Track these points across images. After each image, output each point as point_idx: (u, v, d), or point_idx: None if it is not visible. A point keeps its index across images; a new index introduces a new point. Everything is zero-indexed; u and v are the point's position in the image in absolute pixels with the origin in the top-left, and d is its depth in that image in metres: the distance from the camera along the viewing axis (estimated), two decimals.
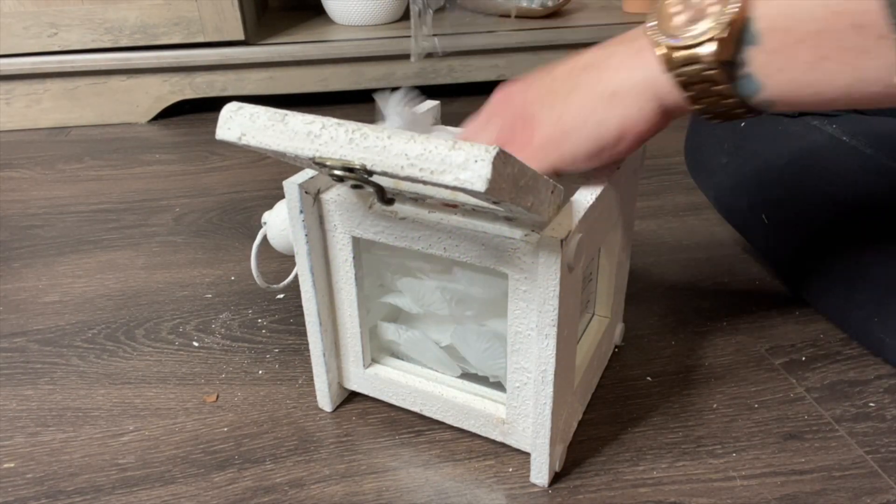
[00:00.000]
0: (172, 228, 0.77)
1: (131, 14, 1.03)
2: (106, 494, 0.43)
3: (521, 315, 0.39)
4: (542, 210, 0.34)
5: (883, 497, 0.42)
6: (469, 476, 0.44)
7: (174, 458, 0.46)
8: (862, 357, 0.54)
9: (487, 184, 0.28)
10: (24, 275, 0.69)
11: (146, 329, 0.60)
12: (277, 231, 0.51)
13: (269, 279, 0.66)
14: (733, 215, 0.64)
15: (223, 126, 0.35)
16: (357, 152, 0.31)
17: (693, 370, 0.53)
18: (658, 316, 0.60)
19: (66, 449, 0.47)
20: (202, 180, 0.90)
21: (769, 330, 0.58)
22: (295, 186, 0.41)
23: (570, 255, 0.36)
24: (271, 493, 0.43)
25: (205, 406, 0.51)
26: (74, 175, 0.93)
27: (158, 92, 1.11)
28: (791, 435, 0.47)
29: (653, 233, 0.73)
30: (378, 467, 0.45)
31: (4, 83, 1.07)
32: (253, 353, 0.56)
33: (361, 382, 0.49)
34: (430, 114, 0.54)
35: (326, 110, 1.16)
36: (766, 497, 0.42)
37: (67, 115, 1.11)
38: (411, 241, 0.41)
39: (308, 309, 0.46)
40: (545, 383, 0.39)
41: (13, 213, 0.82)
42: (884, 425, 0.47)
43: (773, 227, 0.58)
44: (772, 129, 0.58)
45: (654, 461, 0.45)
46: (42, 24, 1.02)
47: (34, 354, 0.57)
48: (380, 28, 1.19)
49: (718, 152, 0.62)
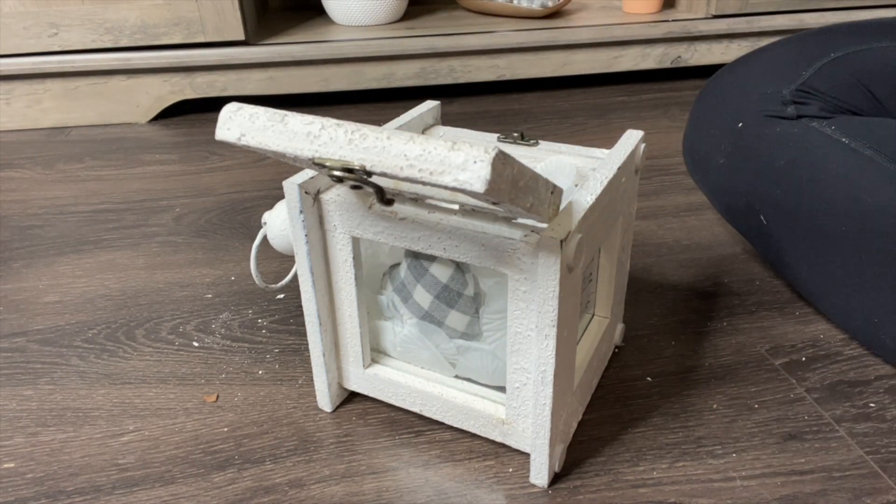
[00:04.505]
0: (172, 228, 0.78)
1: (132, 14, 1.04)
2: (106, 494, 0.43)
3: (520, 315, 0.39)
4: (541, 210, 0.34)
5: (883, 497, 0.42)
6: (469, 476, 0.44)
7: (174, 458, 0.46)
8: (862, 357, 0.54)
9: (486, 185, 0.28)
10: (24, 275, 0.69)
11: (146, 329, 0.60)
12: (277, 231, 0.51)
13: (269, 279, 0.66)
14: (732, 216, 0.64)
15: (223, 126, 0.35)
16: (356, 153, 0.31)
17: (693, 370, 0.53)
18: (658, 316, 0.60)
19: (66, 449, 0.47)
20: (202, 180, 0.90)
21: (769, 330, 0.58)
22: (295, 186, 0.41)
23: (570, 255, 0.36)
24: (271, 494, 0.43)
25: (205, 406, 0.51)
26: (74, 175, 0.93)
27: (159, 92, 1.11)
28: (791, 435, 0.47)
29: (653, 233, 0.73)
30: (378, 467, 0.45)
31: (5, 83, 1.07)
32: (253, 353, 0.56)
33: (361, 383, 0.49)
34: (431, 114, 0.54)
35: (326, 110, 1.16)
36: (766, 497, 0.42)
37: (68, 115, 1.11)
38: (411, 241, 0.41)
39: (308, 309, 0.46)
40: (545, 384, 0.39)
41: (13, 213, 0.82)
42: (884, 426, 0.47)
43: (772, 227, 0.58)
44: (770, 130, 0.58)
45: (654, 461, 0.45)
46: (42, 24, 1.02)
47: (34, 354, 0.57)
48: (380, 28, 1.19)
49: (716, 153, 0.62)
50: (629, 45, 1.19)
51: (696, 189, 0.83)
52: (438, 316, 0.44)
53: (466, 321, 0.45)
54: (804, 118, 0.56)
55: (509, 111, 1.13)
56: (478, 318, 0.45)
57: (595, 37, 1.16)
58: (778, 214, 0.57)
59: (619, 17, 1.22)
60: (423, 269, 0.44)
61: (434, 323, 0.45)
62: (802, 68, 0.59)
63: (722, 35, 1.20)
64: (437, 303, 0.44)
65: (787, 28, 1.18)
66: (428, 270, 0.44)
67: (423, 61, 1.14)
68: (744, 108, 0.60)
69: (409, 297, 0.45)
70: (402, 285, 0.46)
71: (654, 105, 1.14)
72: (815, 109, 0.57)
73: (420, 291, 0.44)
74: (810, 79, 0.58)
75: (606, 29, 1.16)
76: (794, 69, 0.59)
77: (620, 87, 1.23)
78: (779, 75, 0.59)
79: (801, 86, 0.58)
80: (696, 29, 1.17)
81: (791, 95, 0.57)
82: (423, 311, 0.45)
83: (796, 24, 1.18)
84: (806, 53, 0.60)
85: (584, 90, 1.23)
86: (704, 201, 0.80)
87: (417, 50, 1.12)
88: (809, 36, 0.63)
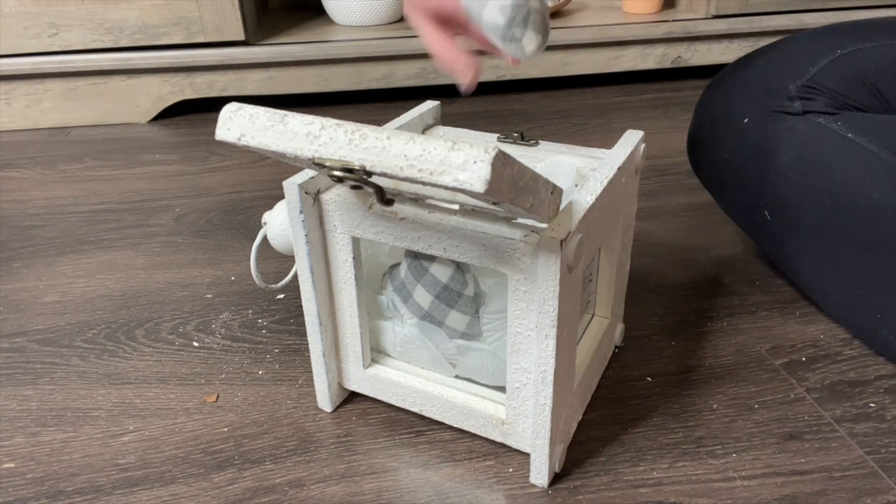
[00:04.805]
0: (172, 228, 0.78)
1: (132, 14, 1.03)
2: (106, 494, 0.43)
3: (520, 315, 0.39)
4: (541, 210, 0.34)
5: (883, 497, 0.42)
6: (469, 476, 0.44)
7: (174, 459, 0.46)
8: (862, 357, 0.54)
9: (486, 185, 0.28)
10: (24, 275, 0.69)
11: (146, 329, 0.60)
12: (277, 231, 0.51)
13: (269, 279, 0.66)
14: (736, 211, 0.64)
15: (223, 126, 0.35)
16: (356, 153, 0.31)
17: (693, 370, 0.53)
18: (658, 316, 0.60)
19: (66, 449, 0.47)
20: (202, 180, 0.90)
21: (769, 330, 0.58)
22: (295, 187, 0.41)
23: (570, 255, 0.36)
24: (271, 494, 0.43)
25: (205, 406, 0.51)
26: (75, 175, 0.93)
27: (159, 92, 1.11)
28: (791, 435, 0.47)
29: (653, 233, 0.73)
30: (378, 467, 0.45)
31: (5, 83, 1.07)
32: (253, 353, 0.56)
33: (361, 383, 0.49)
34: (431, 114, 0.54)
35: (327, 111, 1.16)
36: (766, 497, 0.42)
37: (68, 115, 1.11)
38: (411, 241, 0.41)
39: (308, 309, 0.46)
40: (545, 384, 0.39)
41: (13, 213, 0.82)
42: (884, 426, 0.47)
43: (776, 223, 0.58)
44: (775, 125, 0.58)
45: (654, 461, 0.45)
46: (42, 25, 1.02)
47: (34, 354, 0.57)
48: (380, 28, 1.19)
49: (721, 148, 0.62)
50: (629, 45, 1.19)
51: (696, 189, 0.83)
52: (438, 316, 0.44)
53: (466, 321, 0.45)
54: (810, 114, 0.56)
55: (509, 111, 1.13)
56: (478, 318, 0.45)
57: (595, 37, 1.16)
58: (782, 210, 0.57)
59: (619, 17, 1.22)
60: (423, 269, 0.44)
61: (434, 323, 0.45)
62: (809, 64, 0.59)
63: (722, 35, 1.19)
64: (437, 303, 0.44)
65: (787, 28, 1.18)
66: (428, 270, 0.44)
67: (423, 61, 1.14)
68: (749, 104, 0.60)
69: (409, 296, 0.45)
70: (402, 285, 0.46)
71: (654, 105, 1.14)
72: (821, 105, 0.57)
73: (420, 291, 0.44)
74: (817, 75, 0.58)
75: (606, 29, 1.16)
76: (801, 65, 0.59)
77: (620, 87, 1.23)
78: (785, 71, 0.59)
79: (808, 82, 0.58)
80: (696, 29, 1.17)
81: (797, 91, 0.57)
82: (423, 311, 0.45)
83: (796, 24, 1.18)
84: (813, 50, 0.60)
85: (584, 90, 1.23)
86: (704, 201, 0.80)
87: (417, 50, 1.12)
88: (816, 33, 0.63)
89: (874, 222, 0.51)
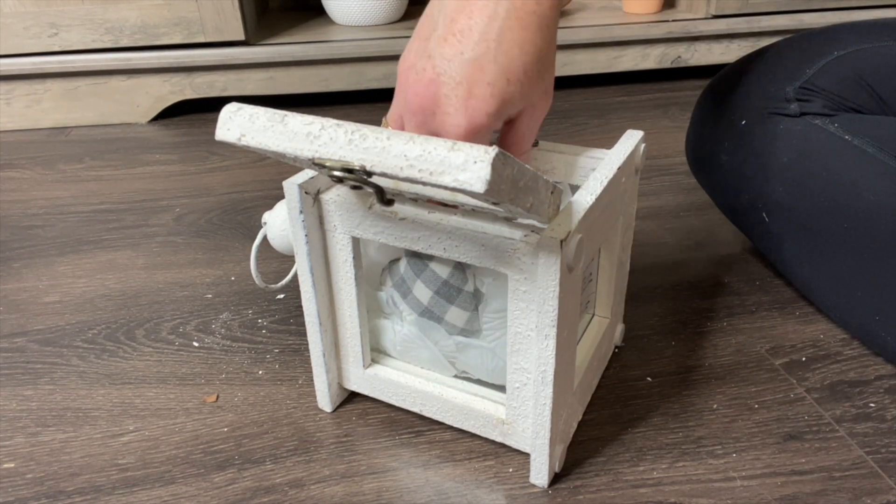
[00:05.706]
0: (172, 228, 0.78)
1: (131, 14, 1.03)
2: (106, 494, 0.43)
3: (520, 315, 0.39)
4: (541, 210, 0.34)
5: (883, 498, 0.42)
6: (469, 476, 0.44)
7: (174, 459, 0.46)
8: (862, 357, 0.54)
9: (486, 185, 0.28)
10: (24, 275, 0.69)
11: (146, 329, 0.60)
12: (277, 231, 0.51)
13: (269, 279, 0.66)
14: (734, 213, 0.64)
15: (223, 127, 0.35)
16: (356, 153, 0.31)
17: (693, 370, 0.53)
18: (658, 316, 0.60)
19: (66, 449, 0.47)
20: (202, 180, 0.90)
21: (769, 330, 0.58)
22: (295, 187, 0.41)
23: (570, 255, 0.36)
24: (271, 494, 0.43)
25: (205, 406, 0.51)
26: (75, 175, 0.93)
27: (159, 92, 1.11)
28: (791, 435, 0.47)
29: (653, 233, 0.73)
30: (378, 467, 0.45)
31: (5, 83, 1.07)
32: (253, 353, 0.56)
33: (361, 383, 0.49)
34: None
35: (327, 111, 1.16)
36: (766, 497, 0.42)
37: (68, 115, 1.11)
38: (411, 241, 0.41)
39: (308, 309, 0.46)
40: (545, 384, 0.39)
41: (13, 213, 0.82)
42: (884, 426, 0.47)
43: (774, 225, 0.58)
44: (773, 127, 0.58)
45: (654, 462, 0.45)
46: (42, 25, 1.02)
47: (34, 354, 0.57)
48: (380, 28, 1.19)
49: (719, 150, 0.62)
50: (629, 45, 1.19)
51: (696, 189, 0.83)
52: (438, 311, 0.44)
53: (466, 317, 0.45)
54: (807, 115, 0.56)
55: None
56: (477, 315, 0.45)
57: (595, 37, 1.16)
58: (780, 212, 0.57)
59: (619, 17, 1.22)
60: (422, 265, 0.44)
61: (433, 319, 0.45)
62: (806, 66, 0.59)
63: (722, 35, 1.19)
64: (437, 298, 0.44)
65: (787, 28, 1.18)
66: (428, 266, 0.44)
67: None
68: (747, 106, 0.60)
69: (408, 292, 0.45)
70: (401, 281, 0.46)
71: (654, 105, 1.14)
72: (818, 107, 0.57)
73: (420, 287, 0.44)
74: (814, 76, 0.58)
75: (606, 29, 1.16)
76: (798, 67, 0.59)
77: (620, 87, 1.23)
78: (782, 73, 0.59)
79: (805, 83, 0.58)
80: (696, 29, 1.17)
81: (794, 93, 0.57)
82: (422, 307, 0.45)
83: (796, 24, 1.18)
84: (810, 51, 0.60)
85: (584, 90, 1.23)
86: (704, 201, 0.80)
87: None
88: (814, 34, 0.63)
89: (871, 224, 0.51)
